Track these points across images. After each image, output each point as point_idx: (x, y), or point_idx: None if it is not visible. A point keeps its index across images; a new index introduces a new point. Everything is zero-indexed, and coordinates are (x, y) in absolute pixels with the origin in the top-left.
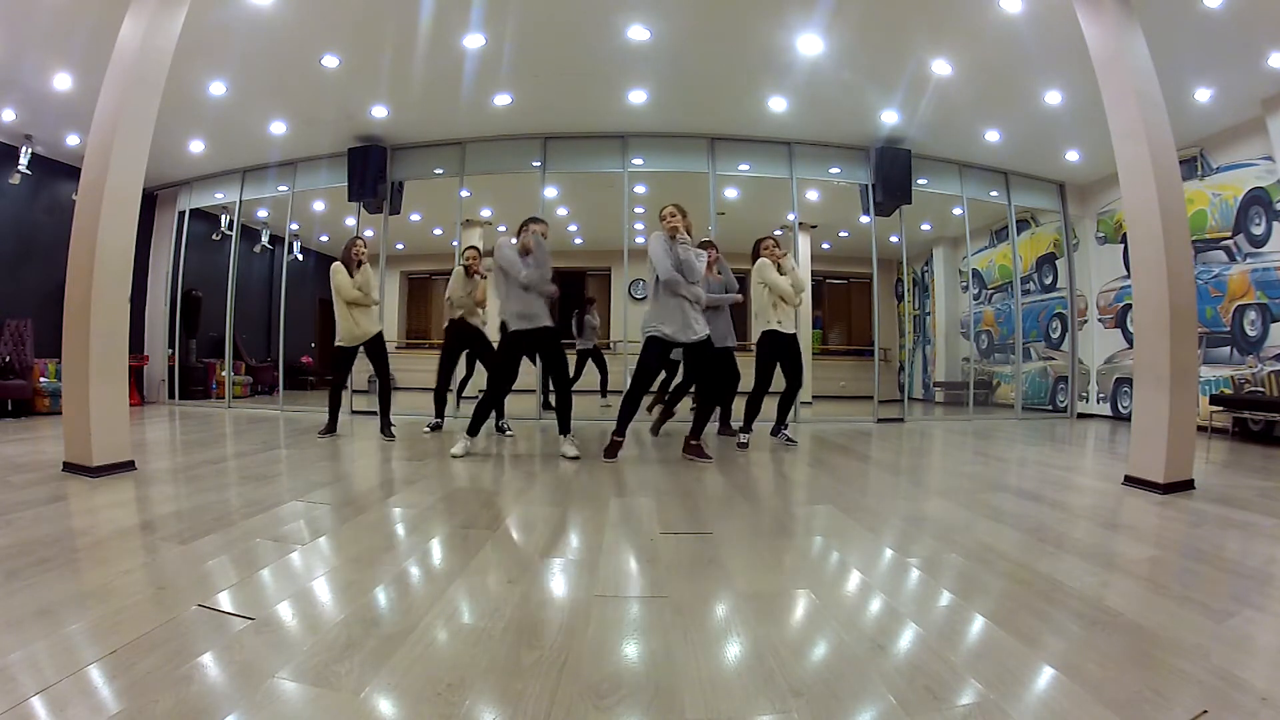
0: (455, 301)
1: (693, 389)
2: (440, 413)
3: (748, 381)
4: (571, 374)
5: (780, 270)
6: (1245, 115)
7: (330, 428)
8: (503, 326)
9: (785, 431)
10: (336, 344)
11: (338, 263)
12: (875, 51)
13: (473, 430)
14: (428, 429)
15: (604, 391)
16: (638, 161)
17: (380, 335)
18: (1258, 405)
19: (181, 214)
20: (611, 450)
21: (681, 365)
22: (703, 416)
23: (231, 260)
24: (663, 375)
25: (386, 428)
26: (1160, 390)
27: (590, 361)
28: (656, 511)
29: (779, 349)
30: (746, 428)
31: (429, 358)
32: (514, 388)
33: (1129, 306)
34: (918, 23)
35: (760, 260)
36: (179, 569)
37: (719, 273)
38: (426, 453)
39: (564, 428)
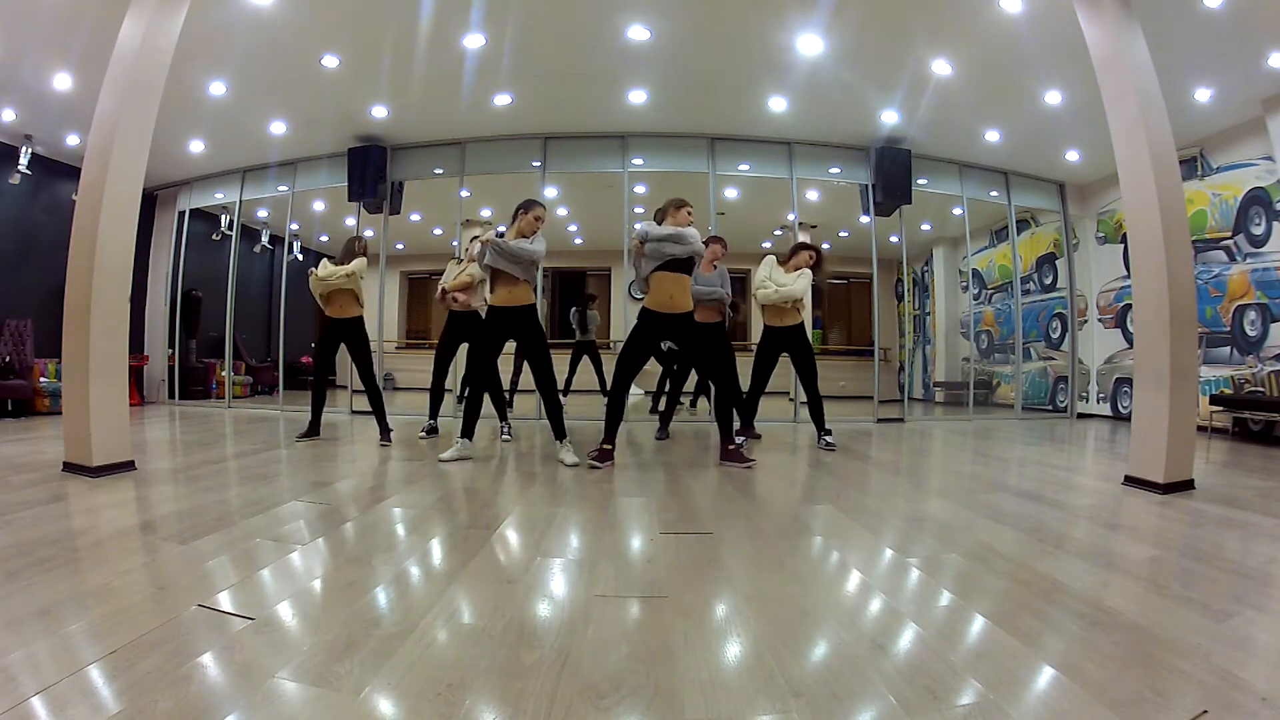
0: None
1: (698, 391)
2: (435, 413)
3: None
4: (567, 373)
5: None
6: (1245, 115)
7: (311, 430)
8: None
9: (826, 438)
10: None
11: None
12: (875, 51)
13: (466, 432)
14: (423, 433)
15: (603, 390)
16: (638, 161)
17: (353, 322)
18: (1258, 405)
19: (181, 214)
20: (600, 457)
21: (673, 365)
22: (726, 419)
23: (231, 260)
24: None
25: (385, 433)
26: (1160, 390)
27: (586, 357)
28: (656, 511)
29: (774, 344)
30: (742, 429)
31: (429, 358)
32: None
33: (1129, 306)
34: (918, 23)
35: (767, 258)
36: (179, 569)
37: (714, 267)
38: (426, 454)
39: (558, 433)
